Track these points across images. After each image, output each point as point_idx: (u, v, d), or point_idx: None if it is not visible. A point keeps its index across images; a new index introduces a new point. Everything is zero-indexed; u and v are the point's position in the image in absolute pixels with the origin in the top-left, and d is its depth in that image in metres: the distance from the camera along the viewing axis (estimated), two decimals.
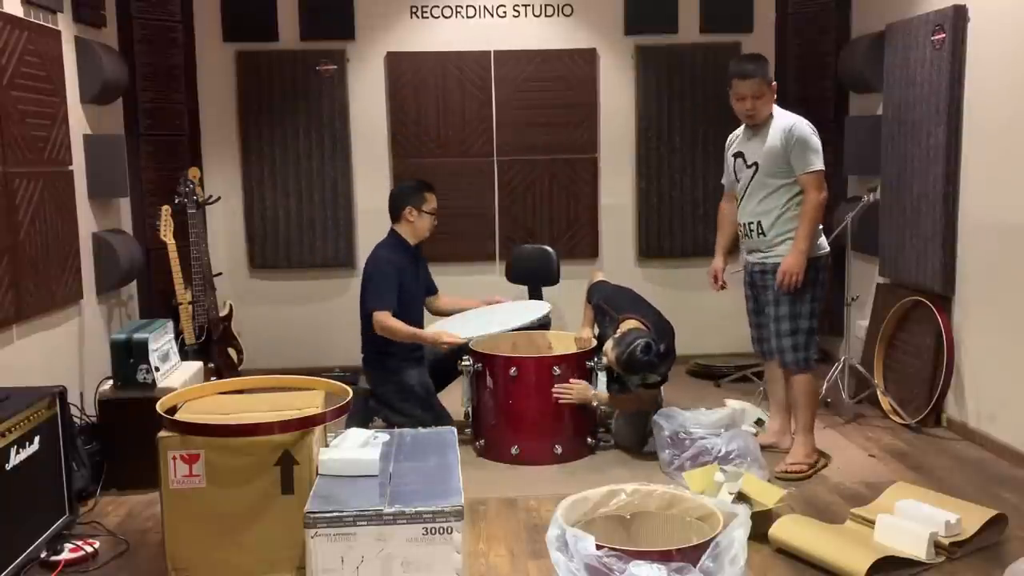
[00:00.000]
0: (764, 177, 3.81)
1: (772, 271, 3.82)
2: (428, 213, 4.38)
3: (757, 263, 3.93)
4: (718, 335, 5.75)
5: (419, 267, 4.49)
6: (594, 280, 4.51)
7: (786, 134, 3.74)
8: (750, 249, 3.96)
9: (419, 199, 4.37)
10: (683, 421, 3.90)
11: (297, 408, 3.02)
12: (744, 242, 3.99)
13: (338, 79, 5.63)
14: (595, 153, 5.80)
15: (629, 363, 3.83)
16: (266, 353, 5.58)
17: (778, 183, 3.79)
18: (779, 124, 3.78)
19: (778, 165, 3.76)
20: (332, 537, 2.48)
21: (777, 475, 3.77)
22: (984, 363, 4.18)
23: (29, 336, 3.92)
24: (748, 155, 3.89)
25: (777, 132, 3.76)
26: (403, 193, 4.45)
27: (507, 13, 5.68)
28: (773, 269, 3.81)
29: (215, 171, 5.64)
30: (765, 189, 3.82)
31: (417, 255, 4.47)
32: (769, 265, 3.86)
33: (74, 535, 3.28)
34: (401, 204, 4.38)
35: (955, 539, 3.02)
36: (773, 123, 3.80)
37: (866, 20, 5.27)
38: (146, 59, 5.24)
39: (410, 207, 4.36)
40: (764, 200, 3.82)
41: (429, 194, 4.40)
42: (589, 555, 2.29)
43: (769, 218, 3.82)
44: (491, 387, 4.10)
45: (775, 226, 3.81)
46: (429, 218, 4.39)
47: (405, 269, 4.33)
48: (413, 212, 4.36)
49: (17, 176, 3.81)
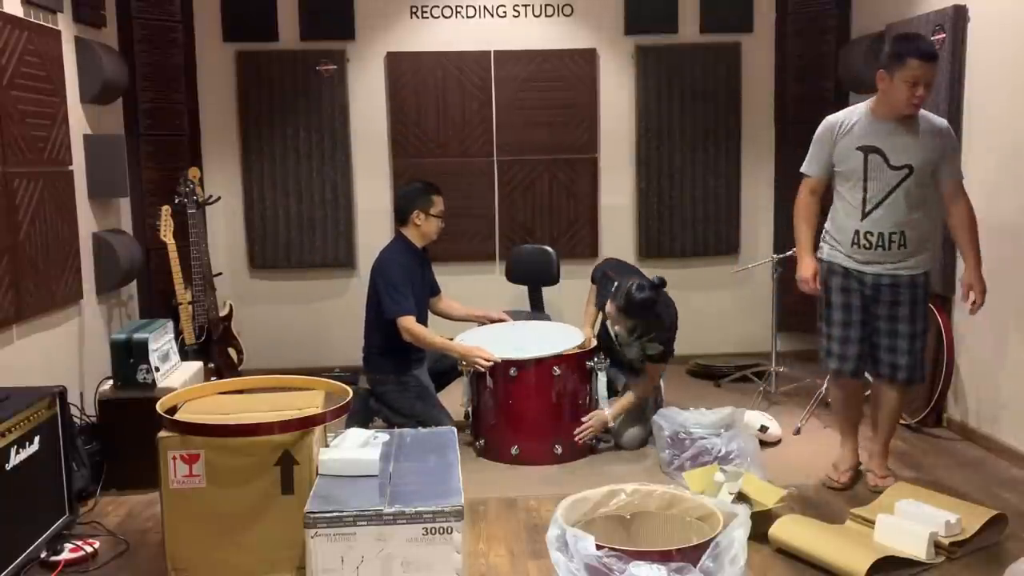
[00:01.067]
0: (917, 184, 3.38)
1: (908, 285, 3.47)
2: (435, 216, 4.32)
3: (886, 275, 3.49)
4: (718, 335, 5.76)
5: (425, 270, 4.47)
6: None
7: (943, 136, 3.40)
8: (870, 260, 3.49)
9: (426, 202, 4.30)
10: (683, 421, 3.90)
11: (297, 408, 3.02)
12: (860, 252, 3.51)
13: (338, 79, 5.63)
14: (595, 153, 5.80)
15: (628, 305, 3.92)
16: (266, 353, 5.58)
17: (927, 192, 3.42)
18: (932, 123, 3.41)
19: (931, 171, 3.40)
20: (332, 537, 2.48)
21: (873, 490, 3.61)
22: (984, 363, 4.18)
23: (29, 336, 3.92)
24: (893, 154, 3.39)
25: (931, 132, 3.38)
26: (410, 196, 4.36)
27: (507, 13, 5.68)
28: (910, 283, 3.47)
29: (215, 171, 5.64)
30: (916, 197, 3.39)
31: (423, 258, 4.45)
32: (904, 278, 3.48)
33: (74, 535, 3.28)
34: (408, 208, 4.32)
35: (955, 539, 3.02)
36: (921, 121, 3.39)
37: (866, 20, 5.27)
38: (146, 59, 5.24)
39: (417, 211, 4.29)
40: (914, 210, 3.40)
41: (436, 197, 4.33)
42: (589, 555, 2.29)
43: (918, 230, 3.44)
44: (491, 387, 4.10)
45: (920, 239, 3.45)
46: (436, 221, 4.34)
47: (414, 272, 4.30)
48: (420, 216, 4.30)
49: (17, 176, 3.81)
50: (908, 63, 3.25)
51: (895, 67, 3.29)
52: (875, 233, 3.43)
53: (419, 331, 4.16)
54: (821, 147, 3.55)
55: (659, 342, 4.07)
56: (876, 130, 3.40)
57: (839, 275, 3.57)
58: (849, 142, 3.46)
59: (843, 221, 3.53)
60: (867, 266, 3.50)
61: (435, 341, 4.18)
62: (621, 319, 4.00)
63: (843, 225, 3.54)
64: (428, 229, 4.34)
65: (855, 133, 3.44)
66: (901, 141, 3.37)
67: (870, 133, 3.41)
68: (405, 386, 4.25)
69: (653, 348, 4.07)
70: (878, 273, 3.48)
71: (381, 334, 4.27)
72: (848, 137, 3.46)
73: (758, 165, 5.85)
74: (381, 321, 4.23)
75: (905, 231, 3.41)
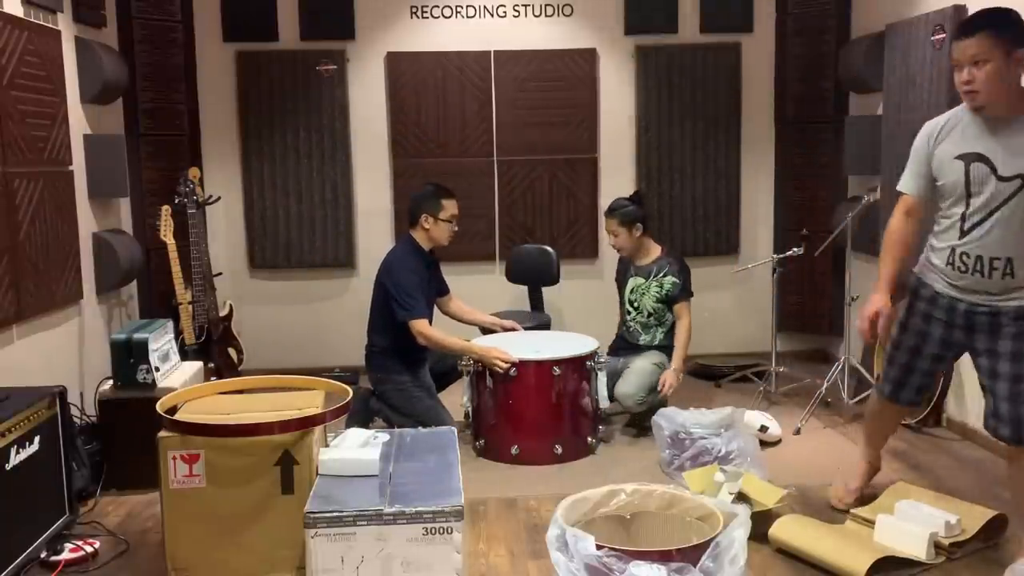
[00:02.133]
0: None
1: (1013, 316, 2.82)
2: (445, 221, 4.26)
3: (981, 304, 2.87)
4: (718, 335, 5.76)
5: (432, 271, 4.43)
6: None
7: None
8: (966, 287, 2.90)
9: (435, 206, 4.25)
10: (683, 421, 3.90)
11: (297, 408, 3.02)
12: (958, 277, 2.91)
13: (338, 79, 5.63)
14: (595, 153, 5.80)
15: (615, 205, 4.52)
16: (266, 353, 5.58)
17: None
18: None
19: None
20: (332, 537, 2.48)
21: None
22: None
23: (29, 336, 3.92)
24: (1002, 162, 2.75)
25: None
26: (420, 199, 4.31)
27: (507, 13, 5.67)
28: (1015, 314, 2.82)
29: (215, 171, 5.64)
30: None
31: (431, 261, 4.41)
32: (1010, 309, 2.83)
33: (74, 535, 3.28)
34: (417, 211, 4.28)
35: (955, 539, 3.02)
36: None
37: (866, 20, 5.27)
38: (146, 59, 5.24)
39: (426, 214, 4.25)
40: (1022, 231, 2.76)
41: (447, 201, 4.27)
42: (589, 555, 2.29)
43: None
44: (491, 387, 4.10)
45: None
46: (447, 225, 4.28)
47: (421, 274, 4.27)
48: (429, 220, 4.25)
49: (17, 176, 3.81)
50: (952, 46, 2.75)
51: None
52: (973, 256, 2.83)
53: (434, 335, 4.16)
54: (916, 158, 2.96)
55: (671, 274, 4.46)
56: (980, 132, 2.78)
57: (925, 300, 3.02)
58: (947, 146, 2.87)
59: (942, 233, 2.95)
60: (961, 293, 2.91)
61: (452, 343, 4.17)
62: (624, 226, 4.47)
63: (942, 237, 2.95)
64: (436, 233, 4.29)
65: (954, 135, 2.85)
66: (1009, 144, 2.73)
67: (972, 136, 2.81)
68: (406, 386, 4.25)
69: (669, 283, 4.45)
70: (973, 303, 2.89)
71: (385, 335, 4.27)
72: (944, 141, 2.88)
73: (758, 165, 5.85)
74: (387, 322, 4.22)
75: (1013, 258, 2.77)
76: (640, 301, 4.55)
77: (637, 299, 4.57)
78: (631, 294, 4.60)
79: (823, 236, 4.92)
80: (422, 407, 4.17)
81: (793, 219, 5.73)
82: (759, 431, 4.17)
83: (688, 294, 4.52)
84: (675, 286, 4.47)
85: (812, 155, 5.67)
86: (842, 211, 4.93)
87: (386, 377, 4.29)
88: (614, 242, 4.57)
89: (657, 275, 4.50)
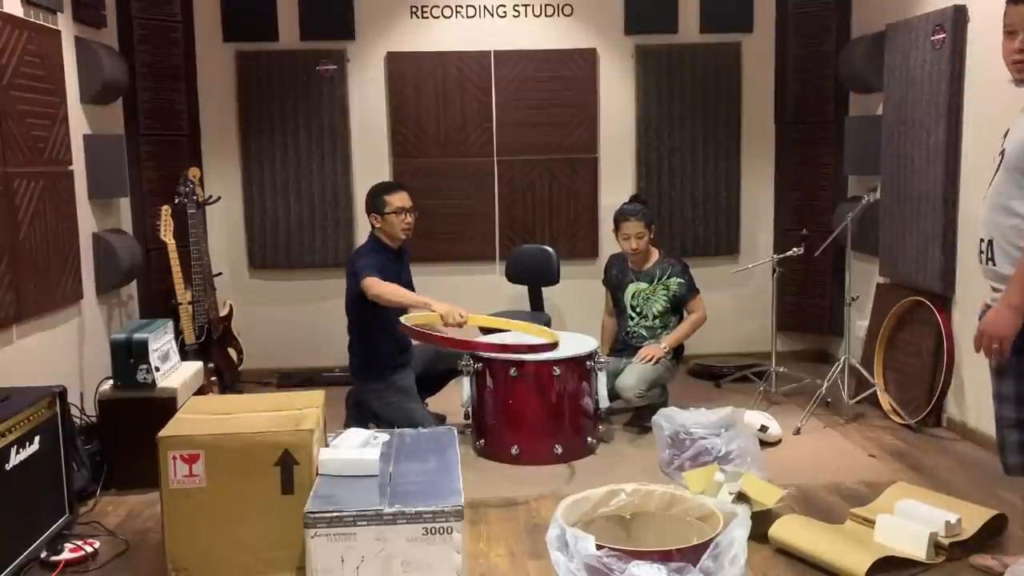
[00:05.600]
0: (1011, 171, 2.48)
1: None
2: (392, 214, 4.22)
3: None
4: (718, 335, 5.75)
5: (402, 269, 4.36)
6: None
7: None
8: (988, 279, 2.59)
9: (379, 204, 4.23)
10: (683, 421, 3.89)
11: (297, 408, 3.03)
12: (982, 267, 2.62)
13: (338, 79, 5.63)
14: (595, 153, 5.80)
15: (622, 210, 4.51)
16: (266, 353, 5.58)
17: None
18: None
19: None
20: (332, 537, 2.48)
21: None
22: (984, 363, 4.14)
23: (29, 336, 3.92)
24: (1008, 137, 2.57)
25: None
26: (367, 201, 4.32)
27: (507, 13, 5.67)
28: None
29: (215, 171, 5.64)
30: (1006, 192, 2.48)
31: (400, 256, 4.37)
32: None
33: (74, 535, 3.28)
34: (368, 213, 4.30)
35: (955, 539, 3.02)
36: None
37: (866, 20, 5.27)
38: (146, 59, 5.24)
39: (373, 214, 4.25)
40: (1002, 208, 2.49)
41: (390, 196, 4.23)
42: (589, 555, 2.29)
43: (1007, 236, 2.49)
44: (491, 387, 4.10)
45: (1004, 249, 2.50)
46: (394, 218, 4.22)
47: (385, 268, 4.18)
48: (377, 218, 4.24)
49: (17, 176, 3.81)
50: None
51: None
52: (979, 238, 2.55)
53: (384, 287, 3.99)
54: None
55: (675, 275, 4.50)
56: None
57: None
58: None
59: None
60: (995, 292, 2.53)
61: (404, 296, 4.03)
62: (648, 228, 4.48)
63: None
64: (389, 228, 4.24)
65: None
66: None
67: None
68: (381, 392, 4.19)
69: (675, 284, 4.49)
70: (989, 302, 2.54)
71: (360, 342, 4.23)
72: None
73: (758, 165, 5.85)
74: (359, 328, 4.20)
75: (994, 238, 2.52)
76: (644, 306, 4.55)
77: (640, 304, 4.56)
78: (633, 299, 4.58)
79: (823, 236, 4.92)
80: (399, 413, 4.09)
81: (793, 219, 5.73)
82: (759, 431, 4.17)
83: (696, 290, 4.55)
84: (681, 286, 4.50)
85: (812, 155, 5.66)
86: (842, 211, 4.93)
87: (363, 385, 4.28)
88: (637, 245, 4.48)
89: (661, 278, 4.52)
